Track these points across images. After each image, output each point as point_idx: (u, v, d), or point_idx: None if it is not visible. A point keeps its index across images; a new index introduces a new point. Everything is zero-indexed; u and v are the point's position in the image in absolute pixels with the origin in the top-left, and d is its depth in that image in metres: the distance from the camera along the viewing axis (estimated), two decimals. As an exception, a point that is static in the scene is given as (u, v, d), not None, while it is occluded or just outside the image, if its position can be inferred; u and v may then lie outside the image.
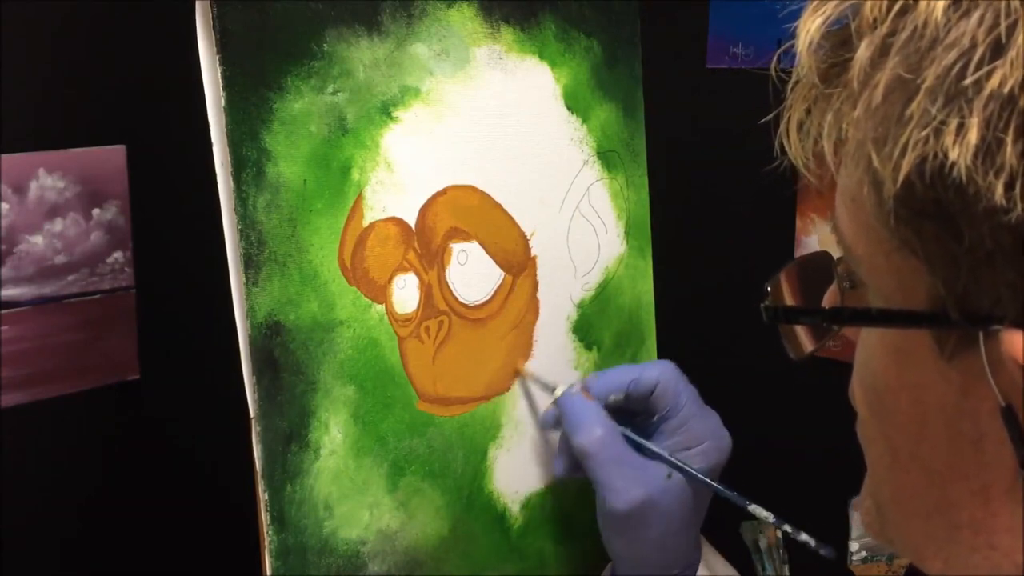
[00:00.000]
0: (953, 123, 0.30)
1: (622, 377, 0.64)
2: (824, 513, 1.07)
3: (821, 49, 0.36)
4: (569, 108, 0.74)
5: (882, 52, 0.33)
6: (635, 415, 0.65)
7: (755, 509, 0.62)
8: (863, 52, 0.34)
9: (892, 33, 0.33)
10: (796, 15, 0.37)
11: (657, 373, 0.64)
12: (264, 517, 0.57)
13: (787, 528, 0.61)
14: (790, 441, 1.05)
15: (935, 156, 0.31)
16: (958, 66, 0.31)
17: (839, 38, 0.36)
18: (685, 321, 1.04)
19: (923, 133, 0.31)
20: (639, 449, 0.63)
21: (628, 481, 0.60)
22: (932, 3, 0.32)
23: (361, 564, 0.61)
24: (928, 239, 0.33)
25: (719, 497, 0.63)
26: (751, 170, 1.06)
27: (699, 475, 0.62)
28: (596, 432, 0.61)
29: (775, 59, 0.42)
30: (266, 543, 0.57)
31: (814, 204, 1.01)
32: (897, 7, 0.33)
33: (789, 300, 0.47)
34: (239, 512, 0.74)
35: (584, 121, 0.75)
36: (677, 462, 0.62)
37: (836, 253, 0.44)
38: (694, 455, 0.63)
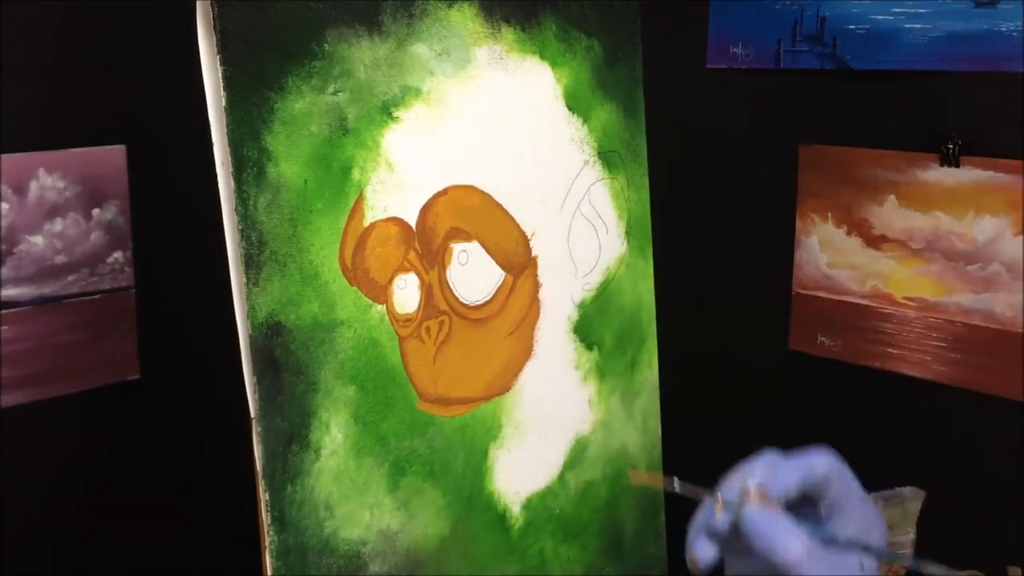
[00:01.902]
0: None
1: (794, 476, 0.61)
2: (824, 513, 1.07)
3: None
4: (570, 108, 0.74)
5: None
6: (797, 505, 0.63)
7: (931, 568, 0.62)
8: None
9: None
10: (796, 15, 0.37)
11: (826, 464, 0.61)
12: (265, 517, 0.57)
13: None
14: (790, 441, 1.05)
15: None
16: None
17: None
18: (685, 321, 1.05)
19: None
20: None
21: None
22: None
23: (362, 564, 0.61)
24: None
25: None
26: (751, 170, 1.06)
27: (898, 555, 0.60)
28: (799, 544, 0.58)
29: (775, 59, 0.41)
30: (267, 543, 0.57)
31: (814, 204, 1.01)
32: None
33: None
34: (239, 512, 0.74)
35: (585, 121, 0.75)
36: (876, 547, 0.60)
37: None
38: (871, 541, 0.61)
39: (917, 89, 0.94)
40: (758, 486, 0.60)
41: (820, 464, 0.61)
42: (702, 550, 0.60)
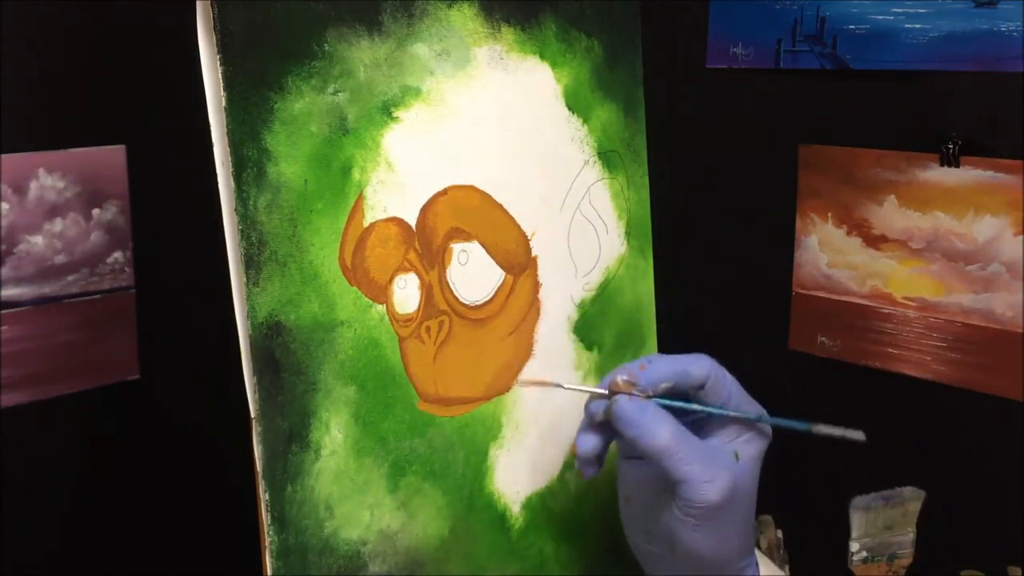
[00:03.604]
0: None
1: (665, 367, 0.64)
2: (824, 513, 1.07)
3: None
4: (570, 108, 0.74)
5: None
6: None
7: (819, 428, 0.64)
8: None
9: None
10: (796, 15, 0.37)
11: (707, 368, 0.64)
12: (265, 517, 0.57)
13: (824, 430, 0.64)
14: (789, 441, 1.05)
15: None
16: None
17: None
18: (685, 321, 1.05)
19: None
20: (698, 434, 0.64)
21: (713, 471, 0.60)
22: None
23: (362, 564, 0.61)
24: None
25: (785, 429, 0.64)
26: (751, 170, 1.06)
27: (782, 421, 0.64)
28: (667, 429, 0.60)
29: (775, 59, 0.41)
30: (267, 543, 0.57)
31: (814, 204, 1.01)
32: None
33: None
34: (239, 512, 0.74)
35: (585, 121, 0.75)
36: (745, 414, 0.63)
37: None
38: (751, 438, 0.64)
39: (917, 89, 0.94)
40: (628, 375, 0.63)
41: (699, 365, 0.64)
42: (581, 440, 0.64)
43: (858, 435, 0.63)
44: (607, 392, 0.63)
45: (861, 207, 0.98)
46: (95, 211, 0.96)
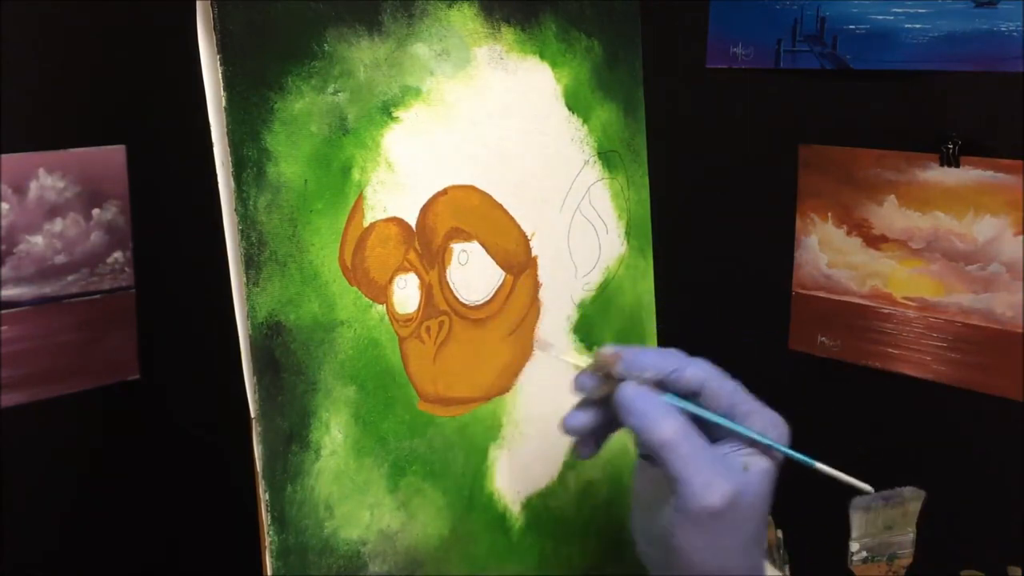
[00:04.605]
0: None
1: (663, 362, 0.60)
2: (824, 513, 1.07)
3: None
4: (570, 108, 0.74)
5: None
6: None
7: (823, 468, 0.61)
8: None
9: None
10: (796, 15, 0.37)
11: (703, 374, 0.60)
12: (264, 517, 0.57)
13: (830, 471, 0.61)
14: (790, 441, 1.05)
15: None
16: None
17: None
18: (685, 321, 1.05)
19: None
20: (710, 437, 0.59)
21: (715, 475, 0.56)
22: None
23: (362, 564, 0.61)
24: None
25: (801, 465, 0.60)
26: (751, 170, 1.06)
27: (790, 451, 0.59)
28: (672, 423, 0.56)
29: (775, 59, 0.41)
30: (267, 543, 0.57)
31: (814, 204, 1.01)
32: None
33: None
34: (239, 512, 0.74)
35: (585, 121, 0.75)
36: (767, 440, 0.58)
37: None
38: (762, 452, 0.60)
39: (917, 89, 0.94)
40: (614, 351, 0.60)
41: (692, 366, 0.60)
42: (569, 416, 0.62)
43: (866, 487, 0.59)
44: (593, 364, 0.60)
45: (861, 207, 0.98)
46: (95, 211, 0.96)
